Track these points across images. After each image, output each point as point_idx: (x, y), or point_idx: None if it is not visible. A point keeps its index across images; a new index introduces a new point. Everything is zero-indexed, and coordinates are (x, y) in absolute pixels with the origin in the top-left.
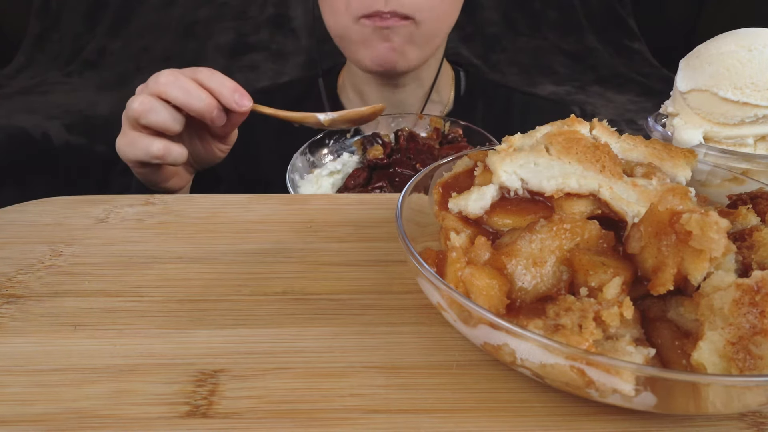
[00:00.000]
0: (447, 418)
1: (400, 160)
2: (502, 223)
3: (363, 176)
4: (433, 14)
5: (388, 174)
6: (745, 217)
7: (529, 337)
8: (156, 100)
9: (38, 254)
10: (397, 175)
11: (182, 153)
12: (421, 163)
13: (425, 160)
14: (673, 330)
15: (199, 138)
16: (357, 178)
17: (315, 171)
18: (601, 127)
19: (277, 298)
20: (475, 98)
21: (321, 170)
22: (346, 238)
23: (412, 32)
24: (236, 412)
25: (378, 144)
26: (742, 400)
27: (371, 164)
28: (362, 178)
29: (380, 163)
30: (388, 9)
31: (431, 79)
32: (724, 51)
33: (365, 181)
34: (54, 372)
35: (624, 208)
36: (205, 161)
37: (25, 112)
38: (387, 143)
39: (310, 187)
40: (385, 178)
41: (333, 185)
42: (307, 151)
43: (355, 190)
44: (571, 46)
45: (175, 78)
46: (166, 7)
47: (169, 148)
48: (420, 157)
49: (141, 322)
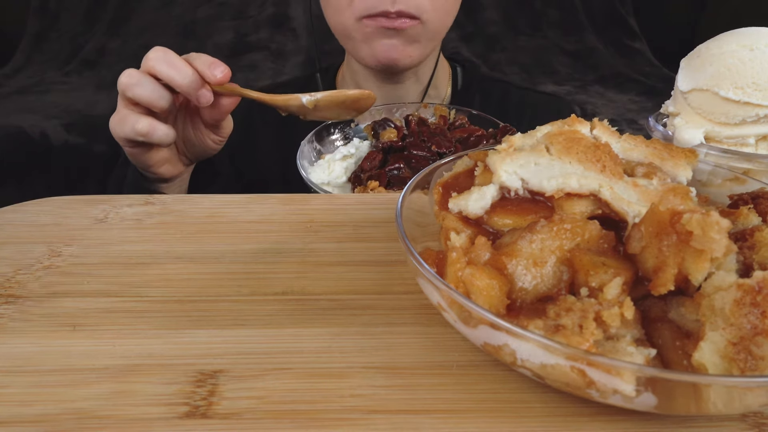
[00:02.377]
0: (447, 419)
1: (414, 142)
2: (502, 223)
3: (378, 158)
4: (438, 13)
5: (404, 156)
6: (746, 217)
7: (530, 337)
8: (143, 75)
9: (37, 254)
10: (413, 156)
11: (168, 133)
12: (436, 145)
13: (440, 142)
14: (674, 330)
15: (192, 124)
16: (373, 161)
17: (326, 156)
18: (602, 126)
19: (277, 299)
20: (471, 93)
21: (333, 155)
22: (345, 238)
23: (417, 32)
24: (236, 413)
25: (391, 127)
26: (743, 400)
27: (386, 147)
28: (378, 161)
29: (395, 146)
30: (395, 9)
31: (429, 75)
32: (726, 50)
33: (381, 163)
34: (53, 372)
35: (625, 208)
36: (199, 151)
37: (24, 111)
38: (399, 127)
39: (321, 173)
40: (401, 159)
41: (346, 169)
42: (314, 139)
43: (371, 171)
44: (572, 46)
45: (163, 53)
46: (166, 7)
47: (154, 126)
48: (434, 140)
49: (140, 322)
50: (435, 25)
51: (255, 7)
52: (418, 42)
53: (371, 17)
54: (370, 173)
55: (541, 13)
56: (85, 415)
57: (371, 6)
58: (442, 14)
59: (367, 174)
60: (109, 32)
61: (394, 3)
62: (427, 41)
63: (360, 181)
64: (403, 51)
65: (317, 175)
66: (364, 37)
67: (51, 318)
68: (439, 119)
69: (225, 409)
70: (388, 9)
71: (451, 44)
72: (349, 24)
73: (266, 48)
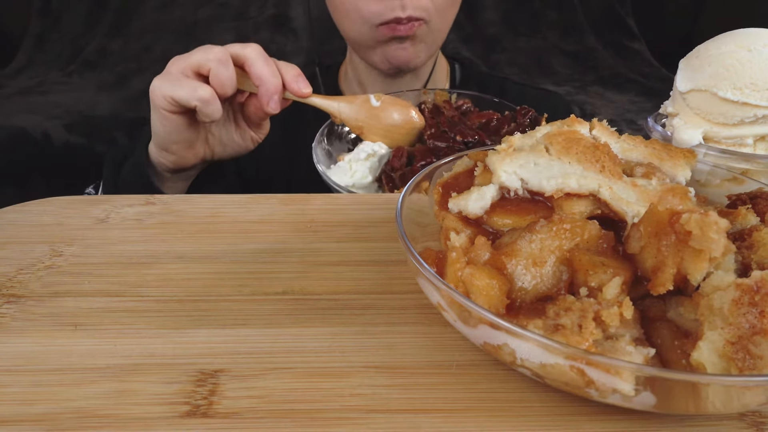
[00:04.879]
0: (447, 418)
1: (436, 134)
2: (502, 223)
3: (405, 154)
4: (440, 13)
5: (430, 149)
6: (744, 217)
7: (529, 337)
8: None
9: (38, 254)
10: (439, 150)
11: (220, 111)
12: (460, 134)
13: (463, 131)
14: (673, 330)
15: (235, 121)
16: (401, 158)
17: (345, 157)
18: (601, 127)
19: (277, 298)
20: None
21: (355, 154)
22: (345, 238)
23: (423, 32)
24: (236, 412)
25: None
26: (741, 399)
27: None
28: (405, 157)
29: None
30: (405, 14)
31: (428, 72)
32: (724, 51)
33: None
34: (54, 372)
35: (624, 208)
36: (232, 148)
37: (26, 112)
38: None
39: (342, 176)
40: (428, 154)
41: (371, 168)
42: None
43: (402, 170)
44: (571, 47)
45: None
46: (167, 8)
47: (215, 97)
48: (456, 129)
49: (141, 321)
50: (438, 25)
51: (255, 8)
52: (424, 42)
53: (385, 24)
54: (402, 171)
55: (541, 14)
56: (86, 414)
57: (382, 13)
58: (444, 13)
59: (399, 172)
60: (110, 33)
61: (404, 9)
62: (432, 42)
63: (392, 180)
64: (413, 53)
65: (338, 178)
66: (377, 44)
67: (52, 317)
68: (444, 105)
69: (225, 408)
70: (399, 15)
71: (451, 45)
72: (363, 31)
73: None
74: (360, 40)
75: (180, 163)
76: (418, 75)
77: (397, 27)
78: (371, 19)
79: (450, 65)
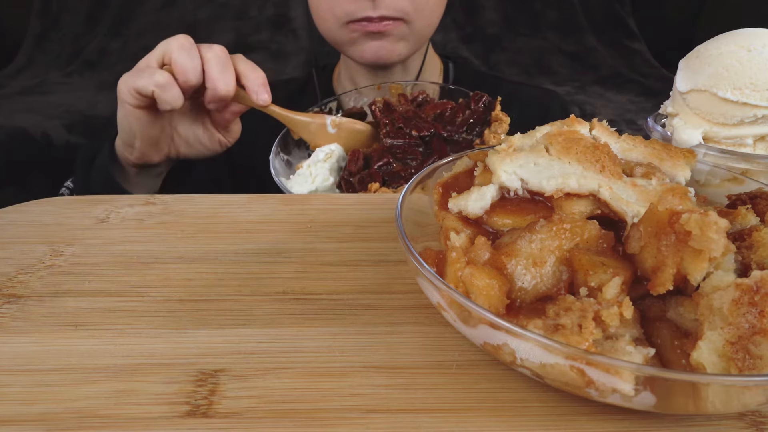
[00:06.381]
0: (447, 418)
1: (391, 132)
2: (502, 223)
3: (362, 157)
4: (423, 14)
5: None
6: (744, 217)
7: (529, 336)
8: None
9: (39, 254)
10: (396, 148)
11: (179, 98)
12: (416, 128)
13: (419, 125)
14: (673, 330)
15: (201, 121)
16: (358, 161)
17: (303, 164)
18: (601, 127)
19: (277, 298)
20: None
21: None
22: (345, 238)
23: (403, 31)
24: (236, 412)
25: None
26: (741, 399)
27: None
28: (362, 160)
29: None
30: (377, 14)
31: (417, 68)
32: (724, 51)
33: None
34: (54, 372)
35: (623, 208)
36: (200, 148)
37: (26, 112)
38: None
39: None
40: (385, 154)
41: (331, 169)
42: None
43: (361, 173)
44: (571, 47)
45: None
46: (166, 7)
47: (172, 82)
48: (411, 124)
49: (141, 321)
50: (420, 25)
51: (255, 8)
52: (405, 40)
53: (355, 22)
54: (360, 175)
55: (541, 14)
56: (86, 414)
57: (352, 12)
58: (426, 14)
59: (357, 176)
60: (110, 33)
61: (376, 8)
62: (414, 40)
63: (351, 185)
64: (392, 49)
65: (299, 187)
66: (350, 41)
67: (53, 317)
68: (399, 98)
69: (226, 408)
70: (369, 14)
71: (450, 44)
72: (335, 29)
73: (267, 48)
74: (335, 38)
75: (144, 159)
76: (407, 69)
77: (368, 25)
78: (342, 17)
79: (444, 64)
